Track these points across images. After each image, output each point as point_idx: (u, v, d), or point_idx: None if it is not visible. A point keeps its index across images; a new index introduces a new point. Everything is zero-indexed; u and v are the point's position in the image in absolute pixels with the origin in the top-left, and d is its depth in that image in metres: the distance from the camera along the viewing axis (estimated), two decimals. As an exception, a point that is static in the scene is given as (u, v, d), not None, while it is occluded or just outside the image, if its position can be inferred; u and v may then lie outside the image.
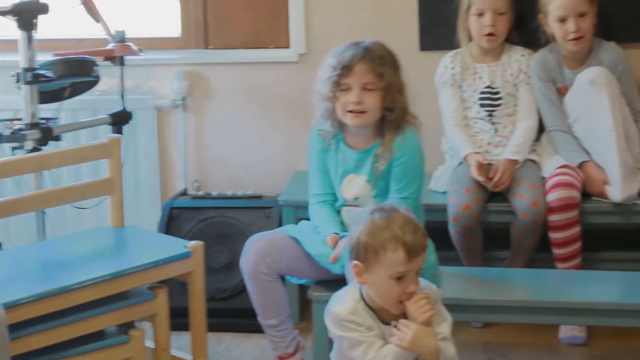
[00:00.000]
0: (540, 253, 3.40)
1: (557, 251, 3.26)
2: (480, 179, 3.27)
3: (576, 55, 3.38)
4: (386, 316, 2.42)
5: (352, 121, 2.86)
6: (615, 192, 3.19)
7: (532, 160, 3.40)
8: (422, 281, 2.49)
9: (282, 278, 3.02)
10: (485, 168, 3.32)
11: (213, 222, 3.81)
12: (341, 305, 2.49)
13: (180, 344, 3.37)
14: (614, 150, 3.20)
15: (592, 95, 3.26)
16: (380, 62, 2.86)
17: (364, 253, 2.44)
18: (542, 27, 3.46)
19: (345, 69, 2.85)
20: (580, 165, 3.28)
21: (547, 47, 3.46)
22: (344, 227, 3.00)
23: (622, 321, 2.88)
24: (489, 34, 3.39)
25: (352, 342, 2.46)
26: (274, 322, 3.03)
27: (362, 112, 2.85)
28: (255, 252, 2.96)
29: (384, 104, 2.88)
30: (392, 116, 2.90)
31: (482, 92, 3.47)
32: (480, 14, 3.40)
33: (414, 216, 2.49)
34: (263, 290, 3.00)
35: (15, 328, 2.76)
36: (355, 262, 2.44)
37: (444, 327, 2.49)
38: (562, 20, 3.34)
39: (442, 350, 2.45)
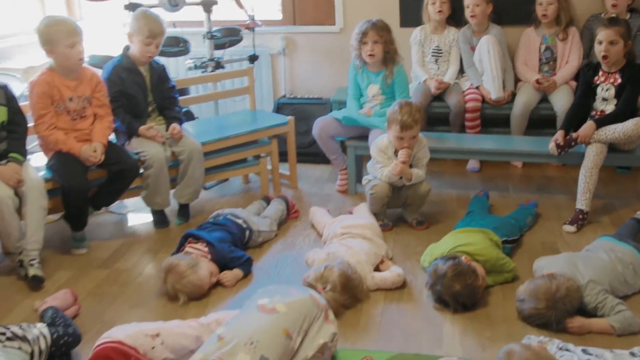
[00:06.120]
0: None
1: (468, 123, 4.65)
2: (435, 89, 4.60)
3: (479, 29, 4.65)
4: (396, 152, 3.48)
5: (370, 60, 4.06)
6: (493, 94, 4.54)
7: (457, 83, 4.79)
8: (420, 135, 3.45)
9: (333, 137, 4.20)
10: (439, 85, 4.58)
11: (298, 110, 4.97)
12: (382, 141, 3.57)
13: (283, 168, 4.52)
14: (494, 78, 4.53)
15: (485, 55, 4.56)
16: (381, 30, 4.04)
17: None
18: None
19: (364, 34, 4.02)
20: (478, 86, 4.67)
21: (466, 26, 4.73)
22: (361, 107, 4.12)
23: (498, 157, 4.28)
24: (440, 11, 4.60)
25: (376, 162, 3.50)
26: (334, 156, 4.29)
27: (374, 55, 4.03)
28: (320, 128, 4.19)
29: (384, 50, 4.05)
30: (390, 56, 4.09)
31: (433, 50, 4.79)
32: (434, 3, 4.66)
33: (416, 108, 3.39)
34: (327, 145, 4.24)
35: (207, 155, 3.95)
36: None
37: (424, 160, 3.56)
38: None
39: (414, 173, 3.46)
